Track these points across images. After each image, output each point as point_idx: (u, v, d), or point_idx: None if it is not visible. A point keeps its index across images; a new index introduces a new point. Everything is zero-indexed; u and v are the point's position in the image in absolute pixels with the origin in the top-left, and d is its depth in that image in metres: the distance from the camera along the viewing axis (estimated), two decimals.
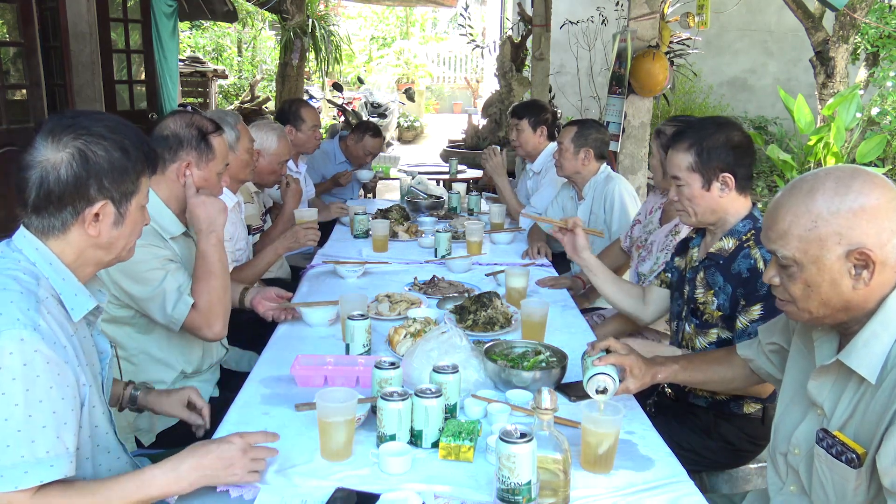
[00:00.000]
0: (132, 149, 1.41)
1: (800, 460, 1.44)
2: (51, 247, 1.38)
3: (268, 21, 14.97)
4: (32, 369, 1.23)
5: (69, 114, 1.41)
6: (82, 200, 1.37)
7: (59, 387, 1.26)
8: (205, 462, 1.38)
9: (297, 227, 2.93)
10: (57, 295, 1.36)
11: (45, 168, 1.34)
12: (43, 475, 1.23)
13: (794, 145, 7.00)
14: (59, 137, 1.35)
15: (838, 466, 1.32)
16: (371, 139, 4.56)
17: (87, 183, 1.36)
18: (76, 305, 1.39)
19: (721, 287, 1.99)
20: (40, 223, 1.37)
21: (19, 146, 5.10)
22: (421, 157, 10.29)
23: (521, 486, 1.31)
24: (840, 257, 1.26)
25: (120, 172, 1.39)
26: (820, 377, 1.39)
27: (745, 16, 9.89)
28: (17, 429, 1.21)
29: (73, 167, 1.34)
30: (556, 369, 1.89)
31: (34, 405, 1.22)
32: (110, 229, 1.42)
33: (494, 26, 14.82)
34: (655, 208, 2.87)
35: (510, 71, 8.13)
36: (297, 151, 3.96)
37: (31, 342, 1.23)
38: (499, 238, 3.55)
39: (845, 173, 1.28)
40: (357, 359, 2.01)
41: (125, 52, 7.03)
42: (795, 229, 1.29)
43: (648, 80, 4.38)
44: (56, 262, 1.38)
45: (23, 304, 1.26)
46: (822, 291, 1.29)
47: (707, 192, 1.99)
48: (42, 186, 1.34)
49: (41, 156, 1.34)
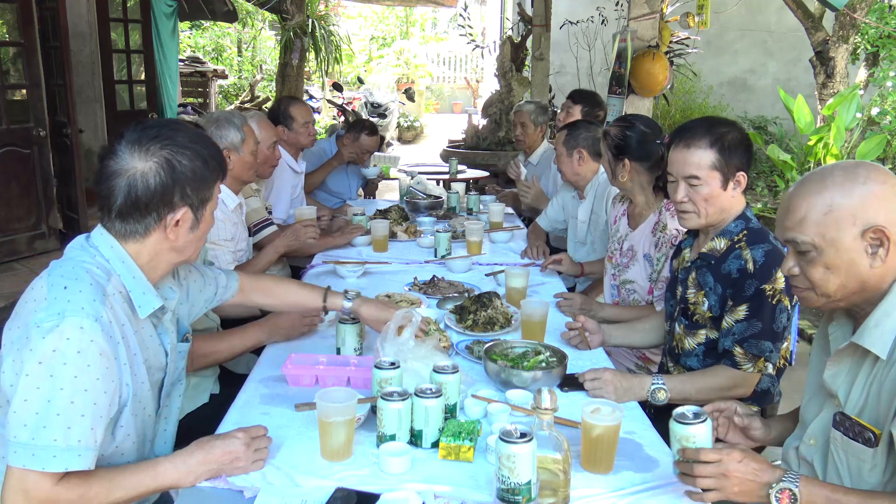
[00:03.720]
0: (210, 158, 1.48)
1: (815, 451, 1.48)
2: (127, 248, 1.44)
3: (268, 21, 14.97)
4: (84, 358, 1.28)
5: (152, 123, 1.47)
6: (166, 207, 1.43)
7: (104, 380, 1.32)
8: (211, 457, 1.44)
9: (296, 225, 2.92)
10: (126, 292, 1.43)
11: (134, 176, 1.39)
12: (69, 463, 1.28)
13: (794, 145, 7.00)
14: (145, 147, 1.40)
15: (855, 447, 1.36)
16: (367, 137, 4.55)
17: (173, 190, 1.42)
18: (143, 303, 1.45)
19: (712, 287, 1.99)
20: (123, 228, 1.43)
21: (20, 146, 5.10)
22: (421, 157, 10.29)
23: (521, 486, 1.31)
24: (856, 237, 1.32)
25: (201, 180, 1.46)
26: (835, 365, 1.42)
27: (745, 16, 9.89)
28: (56, 412, 1.26)
29: (160, 176, 1.40)
30: (556, 369, 1.89)
31: (79, 393, 1.28)
32: (187, 234, 1.48)
33: (494, 26, 14.83)
34: (619, 216, 2.77)
35: (510, 71, 8.12)
36: (294, 149, 3.96)
37: (89, 331, 1.29)
38: (498, 237, 3.55)
39: (849, 164, 1.38)
40: (349, 359, 2.01)
41: (125, 52, 7.04)
42: (812, 215, 1.35)
43: (648, 80, 4.38)
44: (129, 260, 1.44)
45: (90, 294, 1.33)
46: (841, 273, 1.35)
47: (724, 192, 1.96)
48: (130, 194, 1.40)
49: (128, 164, 1.40)
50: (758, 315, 1.89)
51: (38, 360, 1.26)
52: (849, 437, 1.37)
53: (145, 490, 1.40)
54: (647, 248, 2.56)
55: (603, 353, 2.21)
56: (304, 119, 3.90)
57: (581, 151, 3.21)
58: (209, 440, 1.48)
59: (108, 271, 1.41)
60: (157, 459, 1.44)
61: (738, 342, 1.92)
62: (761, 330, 1.89)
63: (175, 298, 1.61)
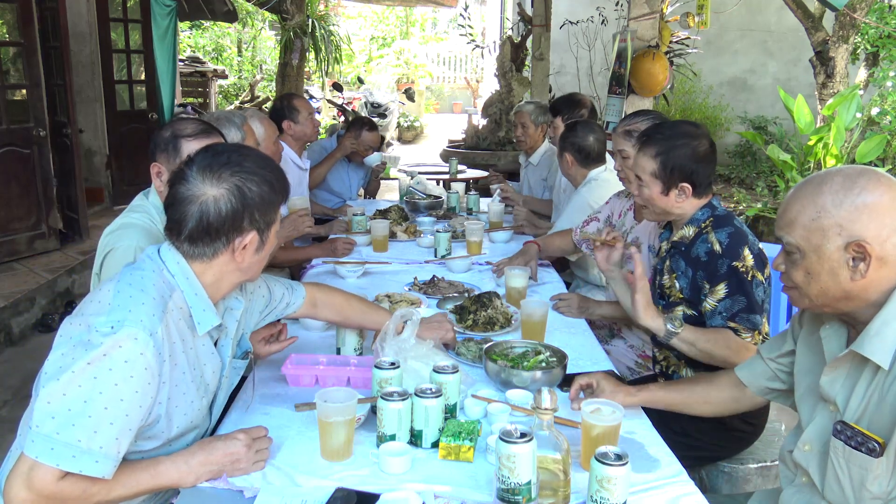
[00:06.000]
0: (276, 181, 1.51)
1: (811, 457, 1.45)
2: (193, 266, 1.47)
3: (268, 21, 14.97)
4: (130, 368, 1.30)
5: (221, 149, 1.50)
6: (235, 231, 1.46)
7: (143, 395, 1.34)
8: (212, 458, 1.45)
9: (292, 216, 2.95)
10: (187, 308, 1.46)
11: (206, 202, 1.42)
12: (85, 466, 1.29)
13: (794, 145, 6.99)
14: (217, 173, 1.43)
15: (858, 457, 1.34)
16: (368, 133, 4.57)
17: (243, 216, 1.45)
18: (203, 321, 1.48)
19: (683, 271, 2.08)
20: (192, 250, 1.46)
21: (19, 146, 5.10)
22: (421, 157, 10.29)
23: (521, 486, 1.31)
24: (839, 248, 1.32)
25: (268, 204, 1.49)
26: (832, 371, 1.41)
27: (745, 16, 9.88)
28: (88, 414, 1.28)
29: (231, 202, 1.43)
30: (556, 369, 1.89)
31: (114, 401, 1.29)
32: (252, 255, 1.51)
33: (494, 26, 14.83)
34: (625, 210, 2.86)
35: (510, 71, 8.13)
36: (299, 144, 3.97)
37: (141, 344, 1.32)
38: (497, 237, 3.55)
39: (854, 171, 1.35)
40: (349, 359, 2.01)
41: (125, 52, 7.03)
42: (801, 218, 1.35)
43: (648, 80, 4.38)
44: (193, 278, 1.47)
45: (151, 308, 1.36)
46: (821, 280, 1.35)
47: (665, 197, 2.09)
48: (202, 220, 1.43)
49: (199, 191, 1.42)
50: (739, 290, 1.95)
51: (88, 360, 1.28)
52: (850, 446, 1.35)
53: (145, 489, 1.40)
54: (651, 240, 2.59)
55: (603, 354, 2.21)
56: (307, 111, 3.97)
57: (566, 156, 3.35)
58: (210, 441, 1.49)
59: (171, 286, 1.44)
60: (158, 458, 1.44)
61: (730, 318, 1.95)
62: (747, 304, 1.94)
63: (241, 308, 1.63)
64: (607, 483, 1.31)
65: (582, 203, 3.24)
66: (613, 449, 1.35)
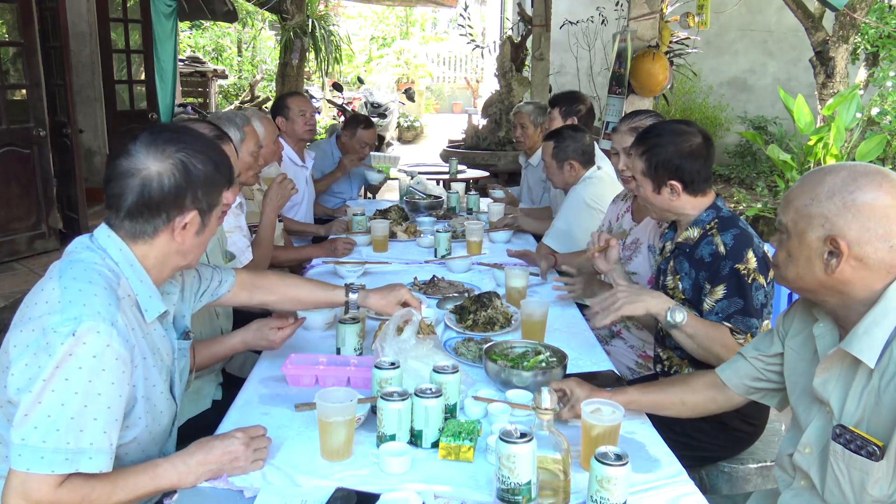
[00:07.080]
0: (221, 164, 1.50)
1: (811, 459, 1.44)
2: (134, 250, 1.44)
3: (268, 21, 14.97)
4: (100, 362, 1.29)
5: (167, 127, 1.48)
6: (176, 209, 1.43)
7: (119, 384, 1.33)
8: (211, 457, 1.45)
9: (273, 185, 2.93)
10: (134, 296, 1.43)
11: (149, 176, 1.39)
12: (80, 465, 1.28)
13: (794, 145, 6.99)
14: (161, 148, 1.41)
15: (858, 461, 1.33)
16: (364, 130, 4.57)
17: (185, 192, 1.42)
18: (150, 307, 1.46)
19: (686, 272, 2.09)
20: (132, 227, 1.43)
21: (19, 146, 5.10)
22: (421, 157, 10.28)
23: (521, 486, 1.31)
24: (819, 239, 1.34)
25: (212, 185, 1.47)
26: (824, 373, 1.40)
27: (745, 16, 9.88)
28: (70, 416, 1.27)
29: (175, 177, 1.41)
30: (556, 369, 1.89)
31: (92, 397, 1.29)
32: (193, 237, 1.48)
33: (494, 26, 14.83)
34: (623, 213, 2.86)
35: (510, 71, 8.13)
36: (297, 143, 3.97)
37: (105, 336, 1.30)
38: (497, 237, 3.55)
39: (861, 169, 1.35)
40: (349, 359, 2.01)
41: (125, 52, 7.03)
42: (796, 202, 1.38)
43: (648, 80, 4.38)
44: (136, 264, 1.44)
45: (105, 298, 1.34)
46: (798, 265, 1.39)
47: (658, 195, 2.12)
48: (143, 193, 1.40)
49: (142, 164, 1.40)
50: (737, 292, 1.95)
51: (56, 364, 1.26)
52: (850, 449, 1.34)
53: (145, 491, 1.39)
54: (651, 240, 2.59)
55: (603, 354, 2.21)
56: (299, 108, 3.96)
57: (571, 163, 3.31)
58: (208, 440, 1.49)
59: (117, 275, 1.41)
60: (156, 461, 1.44)
61: (725, 319, 1.95)
62: (744, 307, 1.94)
63: (176, 292, 1.61)
64: (607, 483, 1.31)
65: (578, 201, 3.25)
66: (613, 449, 1.35)
